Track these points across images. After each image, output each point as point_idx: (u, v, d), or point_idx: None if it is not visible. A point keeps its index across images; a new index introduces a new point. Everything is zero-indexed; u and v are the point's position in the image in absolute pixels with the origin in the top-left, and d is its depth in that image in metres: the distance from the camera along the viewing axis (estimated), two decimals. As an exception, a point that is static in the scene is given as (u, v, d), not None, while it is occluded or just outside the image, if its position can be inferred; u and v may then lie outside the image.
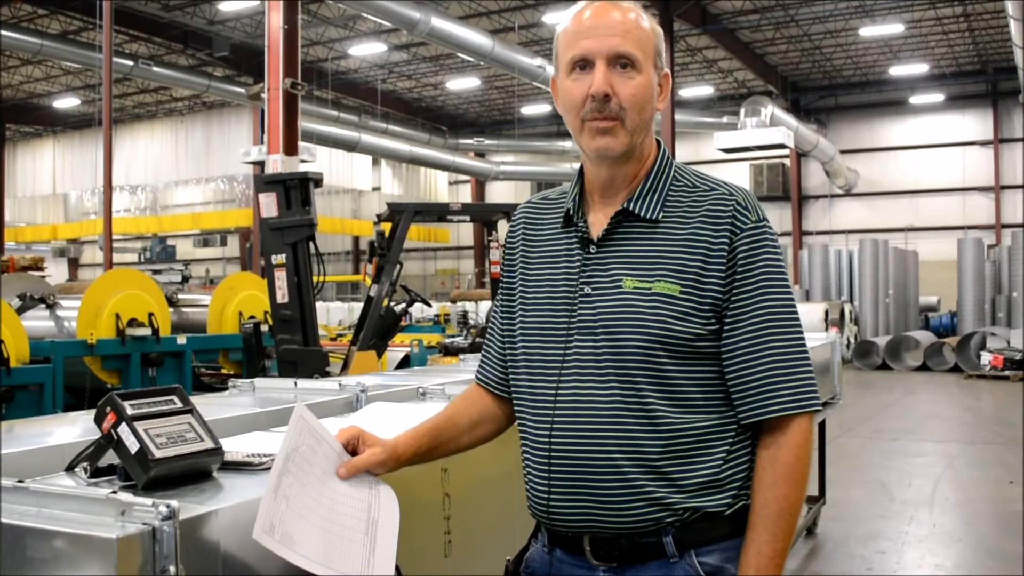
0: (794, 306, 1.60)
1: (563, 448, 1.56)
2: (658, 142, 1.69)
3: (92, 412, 1.56)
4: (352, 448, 1.60)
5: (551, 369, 1.61)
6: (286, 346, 6.97)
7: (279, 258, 6.99)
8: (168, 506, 1.24)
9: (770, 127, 21.30)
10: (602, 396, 1.55)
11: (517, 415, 1.70)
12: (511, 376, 1.73)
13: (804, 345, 1.59)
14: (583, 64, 1.58)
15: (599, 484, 1.53)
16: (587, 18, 1.59)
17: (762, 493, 1.55)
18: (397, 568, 1.67)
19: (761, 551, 1.52)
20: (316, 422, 1.58)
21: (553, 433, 1.58)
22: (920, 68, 25.62)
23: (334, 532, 1.50)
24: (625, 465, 1.52)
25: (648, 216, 1.59)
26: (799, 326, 1.60)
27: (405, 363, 9.62)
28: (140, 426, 1.49)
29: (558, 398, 1.59)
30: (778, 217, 29.29)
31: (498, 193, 32.41)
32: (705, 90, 27.70)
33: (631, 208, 1.60)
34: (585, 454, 1.54)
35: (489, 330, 1.84)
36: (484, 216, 9.50)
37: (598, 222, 1.64)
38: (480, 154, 31.16)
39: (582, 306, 1.59)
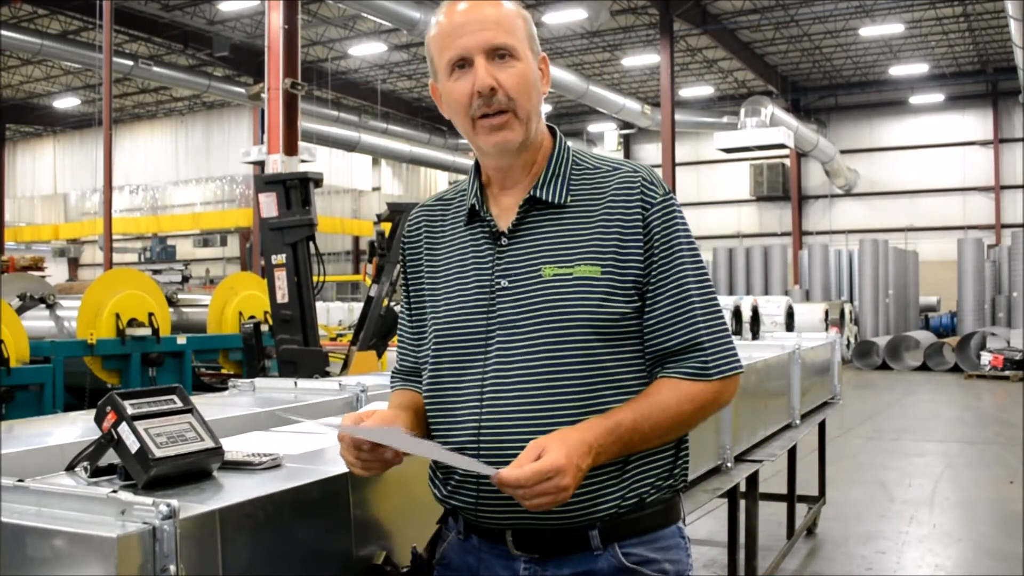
0: (708, 274, 1.63)
1: (493, 447, 1.52)
2: (552, 129, 1.68)
3: (92, 412, 1.57)
4: None
5: (473, 369, 1.57)
6: (286, 346, 6.98)
7: (279, 258, 6.99)
8: (168, 505, 1.24)
9: (770, 127, 21.32)
10: (532, 390, 1.52)
11: (432, 418, 1.64)
12: (425, 384, 1.66)
13: (722, 312, 1.61)
14: (462, 63, 1.55)
15: None
16: (457, 15, 1.57)
17: (661, 394, 1.53)
18: (395, 565, 1.68)
19: (620, 422, 1.48)
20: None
21: (481, 433, 1.54)
22: (920, 68, 25.62)
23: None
24: None
25: (556, 201, 1.58)
26: (715, 294, 1.62)
27: (405, 363, 9.61)
28: (140, 425, 1.49)
29: (484, 398, 1.55)
30: (778, 217, 29.31)
31: (498, 193, 32.36)
32: (705, 90, 27.70)
33: (538, 195, 1.59)
34: (516, 452, 1.45)
35: (399, 343, 1.79)
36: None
37: (503, 214, 1.62)
38: (480, 154, 31.12)
39: (501, 300, 1.56)
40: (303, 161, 12.74)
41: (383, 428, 1.50)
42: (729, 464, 3.53)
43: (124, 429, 1.48)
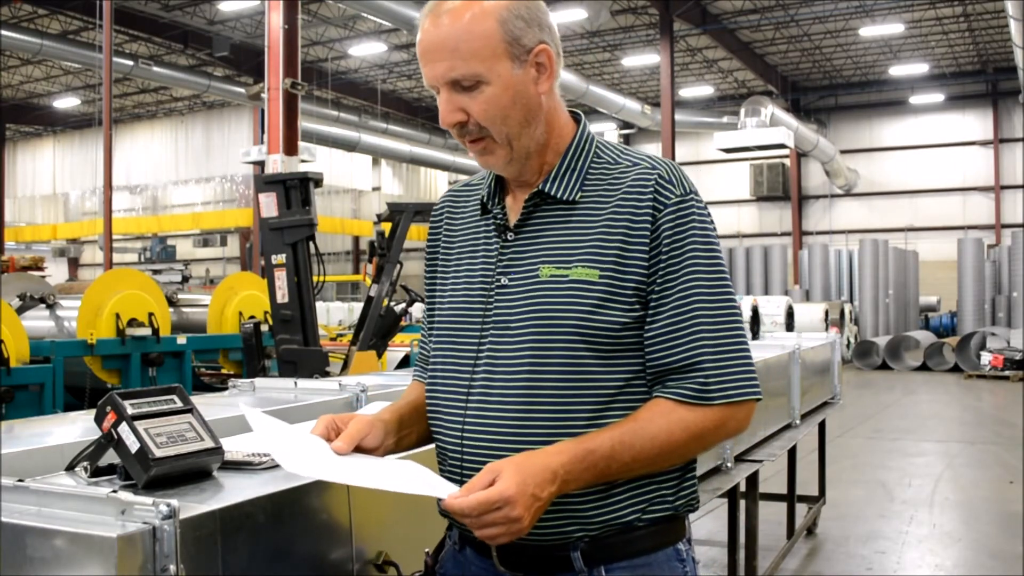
0: (728, 287, 1.46)
1: (475, 454, 1.45)
2: (578, 117, 1.56)
3: (92, 412, 1.56)
4: (334, 436, 1.48)
5: (464, 369, 1.50)
6: (286, 346, 6.98)
7: (279, 258, 7.00)
8: (168, 505, 1.24)
9: (770, 127, 21.32)
10: (513, 398, 1.43)
11: (430, 416, 1.57)
12: (427, 377, 1.61)
13: (739, 329, 1.45)
14: (436, 88, 1.45)
15: None
16: (424, 36, 1.44)
17: (651, 419, 1.39)
18: (396, 567, 1.67)
19: (594, 449, 1.34)
20: (271, 421, 1.56)
21: (465, 437, 1.47)
22: (920, 68, 25.62)
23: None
24: None
25: (565, 197, 1.47)
26: (734, 308, 1.46)
27: (405, 363, 9.61)
28: (140, 425, 1.48)
29: (469, 401, 1.47)
30: (778, 217, 29.31)
31: (498, 193, 32.32)
32: (705, 90, 27.70)
33: (547, 189, 1.48)
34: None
35: (423, 330, 1.71)
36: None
37: (516, 207, 1.52)
38: (480, 154, 31.14)
39: (498, 298, 1.48)
40: (303, 161, 12.75)
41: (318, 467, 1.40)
42: (729, 464, 3.53)
43: (124, 429, 1.48)
